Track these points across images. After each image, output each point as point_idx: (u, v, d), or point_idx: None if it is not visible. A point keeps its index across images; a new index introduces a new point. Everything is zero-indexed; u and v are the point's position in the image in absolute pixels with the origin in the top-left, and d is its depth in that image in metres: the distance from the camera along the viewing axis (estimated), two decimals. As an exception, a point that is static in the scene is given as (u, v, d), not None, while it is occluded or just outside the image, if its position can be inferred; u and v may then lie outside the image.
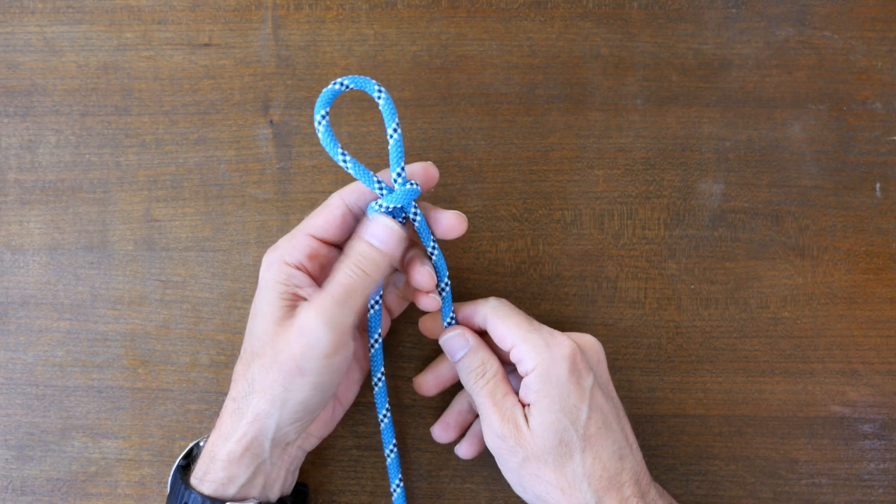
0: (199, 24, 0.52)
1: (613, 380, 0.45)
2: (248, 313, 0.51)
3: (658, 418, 0.51)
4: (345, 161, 0.42)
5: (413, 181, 0.43)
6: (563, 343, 0.42)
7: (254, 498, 0.43)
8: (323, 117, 0.41)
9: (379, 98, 0.42)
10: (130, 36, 0.52)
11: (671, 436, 0.51)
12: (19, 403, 0.51)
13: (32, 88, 0.52)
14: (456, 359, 0.45)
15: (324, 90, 0.41)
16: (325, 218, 0.43)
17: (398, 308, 0.49)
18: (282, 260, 0.43)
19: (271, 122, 0.52)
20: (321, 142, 0.42)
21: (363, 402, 0.50)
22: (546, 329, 0.44)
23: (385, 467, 0.50)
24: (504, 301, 0.46)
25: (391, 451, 0.48)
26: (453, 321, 0.47)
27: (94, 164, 0.52)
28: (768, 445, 0.50)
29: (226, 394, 0.51)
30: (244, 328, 0.51)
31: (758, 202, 0.51)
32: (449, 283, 0.46)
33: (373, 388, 0.48)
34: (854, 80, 0.52)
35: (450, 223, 0.44)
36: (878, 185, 0.51)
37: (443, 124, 0.52)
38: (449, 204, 0.51)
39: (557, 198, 0.52)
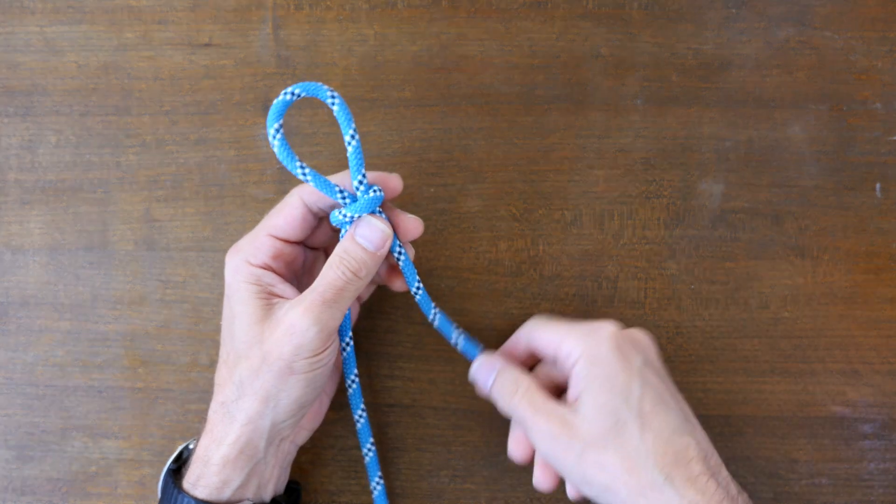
0: (200, 24, 0.52)
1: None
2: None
3: (658, 418, 0.51)
4: (304, 174, 0.41)
5: (375, 187, 0.43)
6: (605, 326, 0.42)
7: (248, 500, 0.43)
8: (277, 130, 0.41)
9: (333, 104, 0.41)
10: (130, 36, 0.52)
11: (671, 436, 0.51)
12: (19, 403, 0.51)
13: (32, 88, 0.52)
14: (488, 387, 0.44)
15: (274, 102, 0.40)
16: (285, 218, 0.43)
17: (366, 293, 0.49)
18: (246, 262, 0.43)
19: (271, 122, 0.52)
20: (277, 155, 0.41)
21: (363, 402, 0.50)
22: (588, 322, 0.43)
23: (384, 467, 0.50)
24: (543, 316, 0.46)
25: (369, 449, 0.48)
26: (436, 315, 0.47)
27: (94, 164, 0.52)
28: (768, 445, 0.50)
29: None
30: (244, 328, 0.51)
31: (758, 202, 0.51)
32: (421, 285, 0.46)
33: (346, 390, 0.47)
34: (854, 80, 0.52)
35: (408, 226, 0.44)
36: (878, 185, 0.51)
37: (443, 124, 0.52)
38: (449, 204, 0.52)
39: (557, 198, 0.52)
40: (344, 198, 0.42)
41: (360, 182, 0.42)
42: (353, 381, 0.47)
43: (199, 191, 0.52)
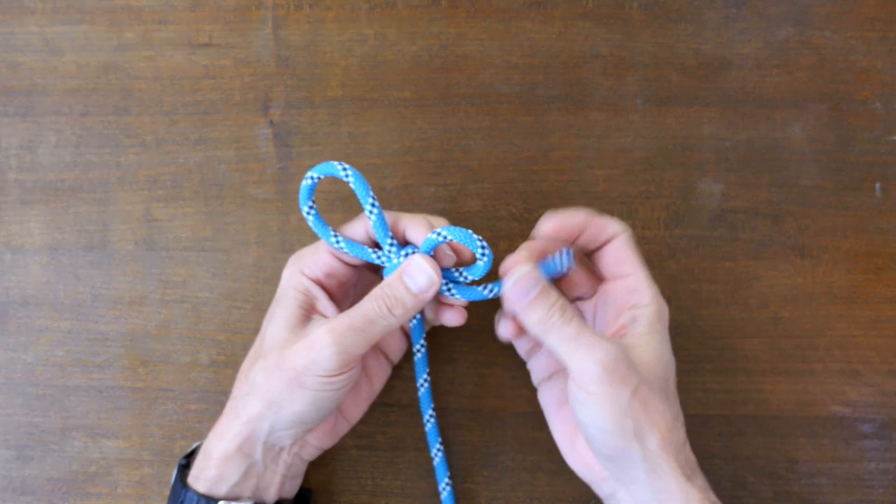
0: (199, 24, 0.52)
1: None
2: (248, 313, 0.51)
3: (658, 418, 0.50)
4: (338, 242, 0.43)
5: (410, 248, 0.43)
6: (665, 305, 0.43)
7: (247, 498, 0.43)
8: (310, 209, 0.43)
9: (347, 178, 0.42)
10: (130, 36, 0.52)
11: (671, 436, 0.51)
12: (19, 403, 0.51)
13: (32, 88, 0.52)
14: (524, 303, 0.41)
15: (300, 187, 0.43)
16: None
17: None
18: (301, 271, 0.44)
19: (271, 122, 0.52)
20: (313, 229, 0.43)
21: (363, 402, 0.50)
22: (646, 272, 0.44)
23: (384, 467, 0.50)
24: (630, 234, 0.44)
25: (438, 450, 0.49)
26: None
27: (94, 164, 0.52)
28: (768, 445, 0.50)
29: (226, 393, 0.51)
30: (244, 328, 0.51)
31: (758, 202, 0.51)
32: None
33: (418, 390, 0.48)
34: (854, 80, 0.52)
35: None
36: (878, 185, 0.51)
37: (443, 124, 0.52)
38: (449, 204, 0.51)
39: (557, 198, 0.52)
40: (380, 259, 0.43)
41: (391, 246, 0.43)
42: (425, 381, 0.48)
43: (199, 191, 0.52)
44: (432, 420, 0.49)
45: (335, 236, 0.43)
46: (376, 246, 0.44)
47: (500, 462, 0.50)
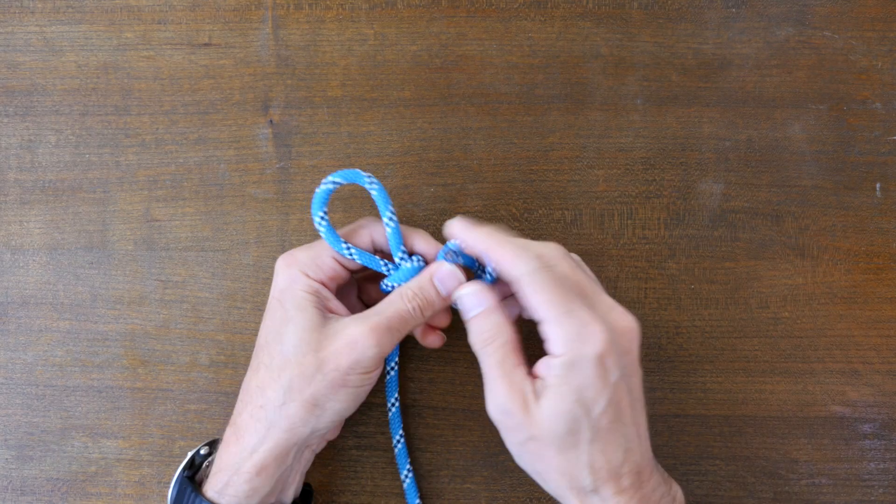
0: (199, 24, 0.52)
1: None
2: (248, 313, 0.51)
3: (658, 418, 0.51)
4: (350, 253, 0.44)
5: (416, 256, 0.45)
6: (596, 337, 0.39)
7: None
8: (322, 218, 0.44)
9: (371, 188, 0.44)
10: (130, 36, 0.52)
11: (671, 436, 0.51)
12: (19, 403, 0.51)
13: (32, 88, 0.52)
14: (468, 316, 0.43)
15: (316, 192, 0.43)
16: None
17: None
18: (304, 273, 0.44)
19: (271, 121, 0.52)
20: (325, 240, 0.44)
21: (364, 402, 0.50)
22: (584, 311, 0.40)
23: (384, 467, 0.50)
24: (538, 265, 0.41)
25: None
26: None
27: (94, 164, 0.52)
28: (768, 445, 0.50)
29: (225, 393, 0.51)
30: (244, 328, 0.51)
31: (758, 202, 0.51)
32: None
33: (388, 412, 0.49)
34: (854, 80, 0.52)
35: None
36: (878, 185, 0.51)
37: (443, 124, 0.52)
38: (449, 204, 0.51)
39: (557, 198, 0.52)
40: (388, 268, 0.45)
41: (402, 258, 0.45)
42: (394, 403, 0.49)
43: (198, 191, 0.52)
44: (402, 442, 0.49)
45: (347, 247, 0.44)
46: (377, 252, 0.46)
47: (500, 462, 0.50)
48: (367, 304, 0.48)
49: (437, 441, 0.51)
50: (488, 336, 0.42)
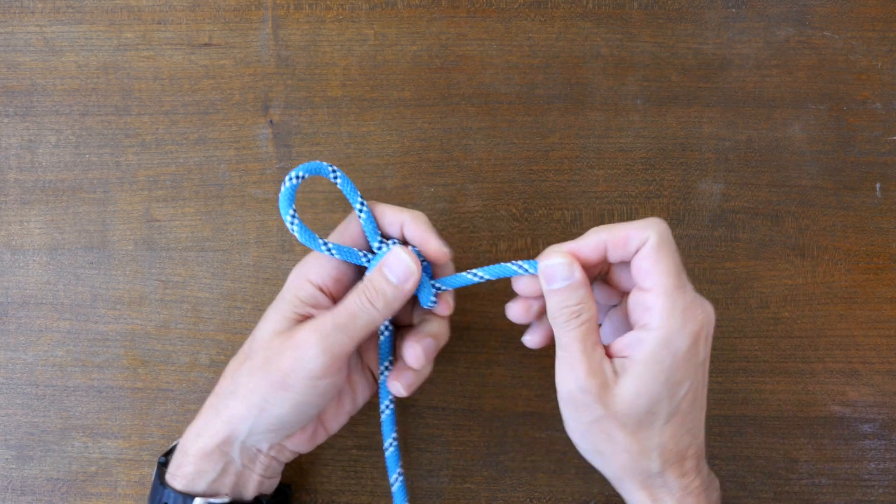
0: (199, 24, 0.52)
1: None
2: (248, 313, 0.51)
3: (658, 418, 0.51)
4: (329, 250, 0.42)
5: (392, 241, 0.43)
6: (697, 317, 0.39)
7: (225, 495, 0.43)
8: (293, 217, 0.41)
9: (336, 179, 0.42)
10: (130, 36, 0.52)
11: (671, 436, 0.51)
12: (19, 403, 0.51)
13: (32, 88, 0.52)
14: (552, 286, 0.41)
15: (281, 191, 0.41)
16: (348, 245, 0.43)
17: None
18: (307, 278, 0.43)
19: (271, 122, 0.52)
20: (300, 240, 0.42)
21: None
22: (691, 290, 0.40)
23: (384, 467, 0.50)
24: (667, 233, 0.40)
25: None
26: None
27: (94, 164, 0.52)
28: (768, 445, 0.50)
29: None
30: (244, 328, 0.51)
31: (758, 202, 0.51)
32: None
33: (384, 452, 0.47)
34: (854, 80, 0.52)
35: (435, 255, 0.43)
36: (878, 185, 0.51)
37: (443, 124, 0.52)
38: (449, 204, 0.51)
39: (557, 198, 0.52)
40: (367, 259, 0.43)
41: (379, 246, 0.43)
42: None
43: (198, 191, 0.52)
44: (399, 480, 0.47)
45: (325, 243, 0.42)
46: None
47: (500, 462, 0.50)
48: None
49: (437, 441, 0.51)
50: (574, 310, 0.40)
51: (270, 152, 0.52)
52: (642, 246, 0.40)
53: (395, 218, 0.43)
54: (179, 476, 0.43)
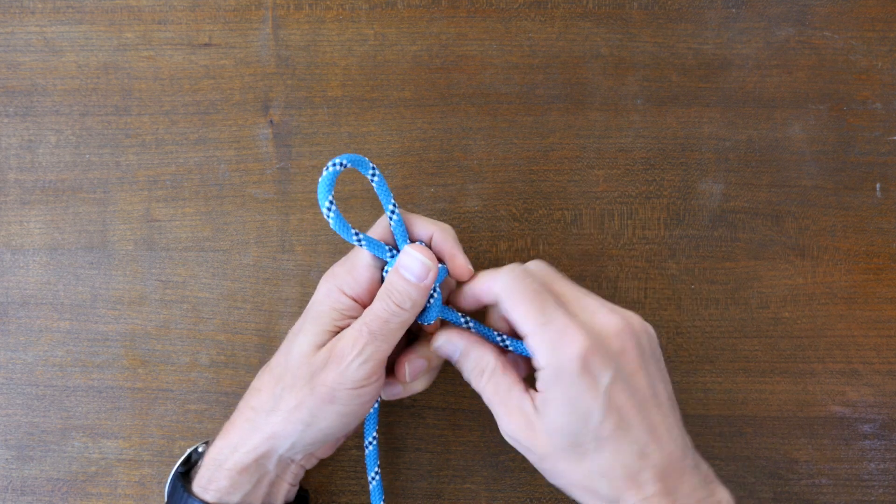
0: (199, 24, 0.52)
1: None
2: (248, 313, 0.51)
3: (658, 418, 0.51)
4: (359, 240, 0.42)
5: (419, 242, 0.43)
6: (575, 340, 0.39)
7: None
8: (331, 204, 0.41)
9: (373, 178, 0.42)
10: (130, 36, 0.52)
11: (671, 436, 0.51)
12: (19, 403, 0.51)
13: (32, 88, 0.52)
14: (455, 361, 0.44)
15: (323, 176, 0.40)
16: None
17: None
18: (340, 290, 0.43)
19: (271, 122, 0.52)
20: (333, 228, 0.41)
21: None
22: (560, 318, 0.39)
23: (384, 467, 0.50)
24: (517, 275, 0.41)
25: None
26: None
27: (94, 164, 0.52)
28: (768, 445, 0.50)
29: (225, 393, 0.51)
30: (244, 328, 0.51)
31: (758, 202, 0.51)
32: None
33: (369, 483, 0.48)
34: (854, 80, 0.52)
35: (460, 271, 0.43)
36: (878, 185, 0.51)
37: (443, 124, 0.52)
38: (449, 204, 0.51)
39: (557, 198, 0.52)
40: (392, 257, 0.43)
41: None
42: (374, 476, 0.48)
43: (198, 191, 0.52)
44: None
45: (356, 234, 0.42)
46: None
47: (500, 462, 0.50)
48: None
49: (437, 441, 0.51)
50: (476, 370, 0.42)
51: (270, 152, 0.52)
52: (497, 299, 0.41)
53: (424, 229, 0.43)
54: (212, 490, 0.42)
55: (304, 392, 0.41)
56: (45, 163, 0.52)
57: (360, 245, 0.42)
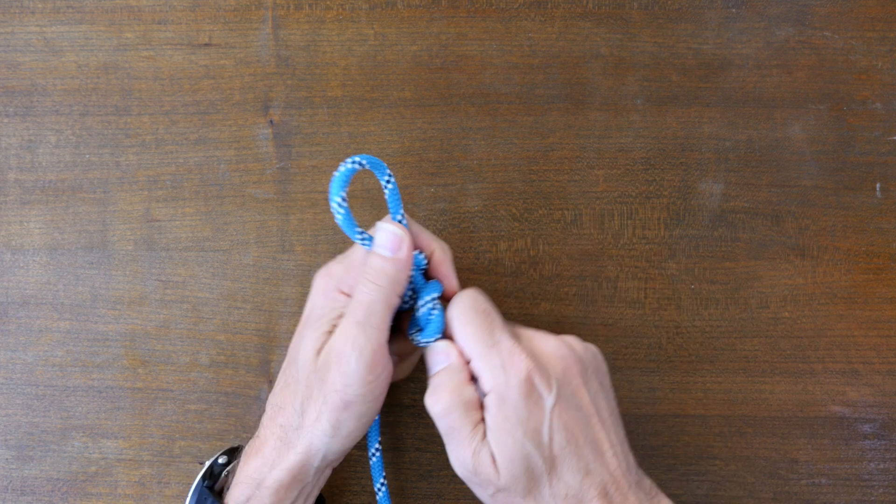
0: (199, 24, 0.52)
1: (614, 381, 0.44)
2: (248, 313, 0.51)
3: (658, 418, 0.51)
4: (363, 240, 0.41)
5: (420, 252, 0.43)
6: (519, 365, 0.39)
7: None
8: (343, 200, 0.40)
9: (387, 185, 0.41)
10: (130, 36, 0.52)
11: (671, 436, 0.51)
12: (19, 403, 0.51)
13: (32, 88, 0.52)
14: (432, 371, 0.42)
15: (339, 171, 0.40)
16: None
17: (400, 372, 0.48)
18: (338, 289, 0.43)
19: (271, 122, 0.52)
20: (340, 225, 0.41)
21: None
22: (506, 343, 0.40)
23: (384, 467, 0.50)
24: (469, 301, 0.42)
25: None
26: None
27: (94, 164, 0.52)
28: (768, 445, 0.50)
29: (225, 393, 0.51)
30: (244, 328, 0.51)
31: (758, 202, 0.51)
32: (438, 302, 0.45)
33: (376, 494, 0.47)
34: (854, 80, 0.52)
35: (451, 290, 0.43)
36: (878, 185, 0.51)
37: (443, 124, 0.52)
38: (449, 204, 0.52)
39: (557, 198, 0.52)
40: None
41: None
42: (380, 488, 0.47)
43: (198, 191, 0.52)
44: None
45: (361, 233, 0.41)
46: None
47: (500, 462, 0.50)
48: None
49: (437, 441, 0.51)
50: (432, 404, 0.41)
51: (270, 152, 0.52)
52: (448, 324, 0.42)
53: (426, 242, 0.43)
54: None
55: (320, 402, 0.41)
56: (45, 163, 0.52)
57: (364, 245, 0.42)
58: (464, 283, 0.51)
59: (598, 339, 0.51)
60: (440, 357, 0.42)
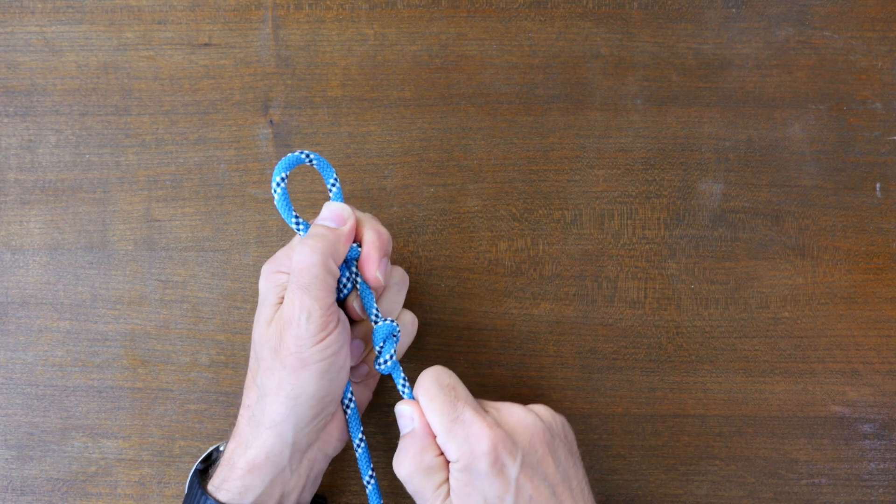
0: (199, 24, 0.52)
1: (614, 380, 0.44)
2: (248, 313, 0.51)
3: (658, 418, 0.51)
4: (297, 225, 0.43)
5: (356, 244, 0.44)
6: (483, 437, 0.40)
7: None
8: (282, 180, 0.43)
9: (331, 189, 0.44)
10: (130, 36, 0.52)
11: (671, 436, 0.51)
12: (19, 403, 0.51)
13: (32, 88, 0.52)
14: (402, 432, 0.43)
15: (287, 155, 0.42)
16: None
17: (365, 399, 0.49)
18: (278, 270, 0.44)
19: (271, 121, 0.52)
20: (277, 207, 0.43)
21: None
22: (469, 417, 0.41)
23: (384, 467, 0.50)
24: (432, 378, 0.43)
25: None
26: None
27: (94, 164, 0.52)
28: (768, 445, 0.50)
29: (225, 393, 0.51)
30: (244, 328, 0.51)
31: (758, 202, 0.51)
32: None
33: (366, 487, 0.47)
34: (854, 80, 0.52)
35: (369, 275, 0.44)
36: (878, 185, 0.51)
37: (443, 124, 0.52)
38: (449, 204, 0.52)
39: (557, 198, 0.52)
40: None
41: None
42: (370, 480, 0.47)
43: (198, 191, 0.52)
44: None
45: (296, 219, 0.43)
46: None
47: (500, 462, 0.50)
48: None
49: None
50: (396, 467, 0.43)
51: (270, 152, 0.52)
52: (417, 395, 0.43)
53: (362, 227, 0.44)
54: (225, 490, 0.42)
55: (277, 369, 0.41)
56: (45, 163, 0.52)
57: (299, 231, 0.43)
58: (464, 283, 0.51)
59: (598, 339, 0.51)
60: (405, 421, 0.43)
